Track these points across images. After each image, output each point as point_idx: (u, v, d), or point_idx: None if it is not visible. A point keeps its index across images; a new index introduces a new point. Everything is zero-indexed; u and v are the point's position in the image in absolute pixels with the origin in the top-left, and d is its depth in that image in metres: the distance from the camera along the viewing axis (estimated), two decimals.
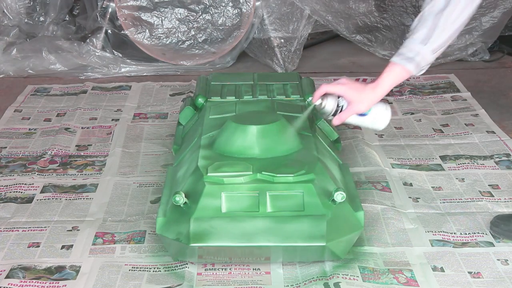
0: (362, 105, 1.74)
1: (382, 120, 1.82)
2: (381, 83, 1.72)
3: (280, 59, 3.33)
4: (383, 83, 1.72)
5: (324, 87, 1.75)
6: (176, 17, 3.45)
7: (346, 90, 1.74)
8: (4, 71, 3.29)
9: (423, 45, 1.68)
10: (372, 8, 3.48)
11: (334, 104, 1.77)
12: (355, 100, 1.73)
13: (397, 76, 1.72)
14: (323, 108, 1.77)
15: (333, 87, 1.75)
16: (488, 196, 2.15)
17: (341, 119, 1.76)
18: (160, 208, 1.83)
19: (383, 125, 1.83)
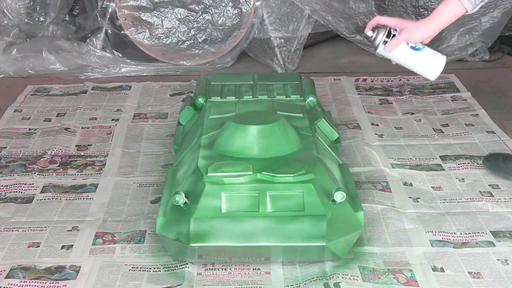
0: (415, 32, 1.68)
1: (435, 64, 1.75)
2: (436, 15, 1.67)
3: (280, 59, 3.33)
4: (439, 15, 1.67)
5: (377, 18, 1.72)
6: (176, 17, 3.45)
7: (398, 20, 1.70)
8: (4, 71, 3.29)
9: None
10: (372, 8, 3.48)
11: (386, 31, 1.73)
12: (408, 27, 1.68)
13: (452, 10, 1.67)
14: (375, 38, 1.73)
15: (386, 18, 1.72)
16: (488, 196, 2.15)
17: (395, 44, 1.70)
18: (160, 208, 1.83)
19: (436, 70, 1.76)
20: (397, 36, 1.70)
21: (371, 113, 2.79)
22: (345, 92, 3.03)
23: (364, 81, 3.17)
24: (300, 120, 2.11)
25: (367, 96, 2.99)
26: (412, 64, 1.78)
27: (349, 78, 3.19)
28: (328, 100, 2.94)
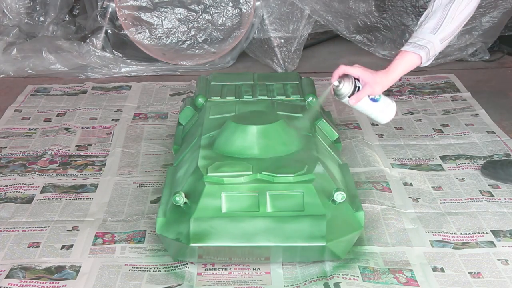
0: (377, 86, 1.82)
1: (389, 111, 1.91)
2: (393, 69, 1.82)
3: (280, 59, 3.33)
4: (396, 69, 1.82)
5: (342, 68, 1.83)
6: (176, 17, 3.45)
7: (362, 72, 1.82)
8: (4, 71, 3.29)
9: (432, 34, 1.80)
10: (372, 8, 3.48)
11: (352, 84, 1.82)
12: (370, 81, 1.81)
13: (408, 64, 1.82)
14: (340, 89, 1.83)
15: (350, 68, 1.83)
16: (488, 196, 2.15)
17: (358, 98, 1.83)
18: (160, 208, 1.83)
19: (389, 116, 1.92)
20: (361, 90, 1.83)
21: None
22: None
23: None
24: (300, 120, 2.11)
25: None
26: (370, 113, 1.91)
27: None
28: (328, 100, 2.94)
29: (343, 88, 1.83)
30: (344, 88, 1.83)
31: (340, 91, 1.84)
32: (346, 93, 1.83)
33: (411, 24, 3.45)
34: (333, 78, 1.84)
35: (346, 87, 1.83)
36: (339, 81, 1.83)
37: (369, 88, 1.82)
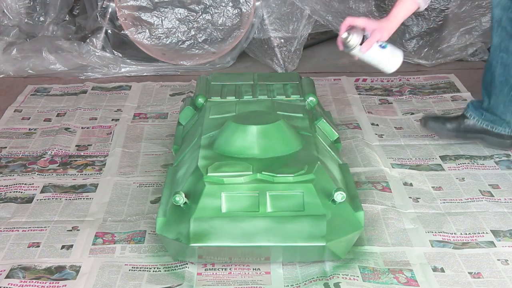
0: (384, 31, 1.93)
1: (397, 57, 1.98)
2: (395, 15, 1.95)
3: (280, 59, 3.33)
4: (397, 15, 1.95)
5: (349, 19, 1.92)
6: (176, 17, 3.45)
7: (367, 21, 1.93)
8: (4, 71, 3.29)
9: None
10: (372, 8, 3.48)
11: (360, 34, 1.90)
12: (377, 28, 1.92)
13: (407, 9, 1.97)
14: (349, 40, 1.90)
15: (356, 19, 1.93)
16: (488, 196, 2.15)
17: (369, 45, 1.92)
18: (160, 208, 1.83)
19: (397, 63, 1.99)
20: (371, 37, 1.91)
21: (371, 113, 2.79)
22: (345, 92, 3.03)
23: (364, 81, 3.17)
24: (300, 120, 2.11)
25: (367, 96, 2.99)
26: (379, 61, 1.98)
27: (349, 78, 3.19)
28: (328, 100, 2.94)
29: (353, 39, 1.89)
30: (353, 38, 1.89)
31: (350, 42, 1.90)
32: (357, 42, 1.89)
33: (411, 24, 3.45)
34: (341, 31, 1.91)
35: (355, 37, 1.89)
36: (348, 33, 1.89)
37: (378, 33, 1.91)
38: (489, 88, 2.34)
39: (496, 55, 2.26)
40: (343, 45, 1.92)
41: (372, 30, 1.91)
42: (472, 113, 2.40)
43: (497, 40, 2.24)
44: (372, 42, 1.92)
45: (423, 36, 3.44)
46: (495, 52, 2.26)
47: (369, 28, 1.92)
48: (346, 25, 1.92)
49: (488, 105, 2.37)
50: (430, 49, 3.41)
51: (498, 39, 2.23)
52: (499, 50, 2.24)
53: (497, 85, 2.29)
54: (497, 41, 2.24)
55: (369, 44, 1.92)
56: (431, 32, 3.43)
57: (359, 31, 1.89)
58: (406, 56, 3.41)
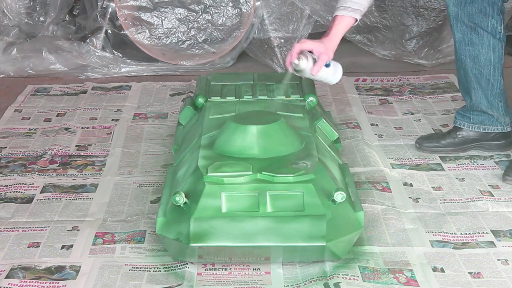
0: (330, 52, 2.02)
1: (339, 72, 2.09)
2: (335, 34, 2.05)
3: (280, 59, 3.33)
4: (337, 33, 2.05)
5: (297, 46, 2.00)
6: (176, 17, 3.45)
7: (314, 44, 2.01)
8: (4, 71, 3.29)
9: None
10: (372, 8, 3.48)
11: (311, 58, 2.00)
12: (323, 50, 2.01)
13: (346, 27, 2.07)
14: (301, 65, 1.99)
15: (304, 44, 2.01)
16: (488, 196, 2.15)
17: (320, 67, 2.01)
18: (160, 208, 1.83)
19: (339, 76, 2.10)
20: (320, 60, 2.00)
21: (371, 113, 2.79)
22: (345, 92, 3.03)
23: (364, 81, 3.17)
24: (300, 120, 2.11)
25: (367, 96, 2.99)
26: (325, 77, 2.08)
27: (349, 78, 3.19)
28: (328, 100, 2.94)
29: (303, 63, 1.98)
30: (304, 63, 1.98)
31: (301, 67, 1.99)
32: (309, 66, 1.99)
33: (411, 24, 3.45)
34: (292, 57, 1.98)
35: (305, 61, 1.98)
36: (299, 59, 1.98)
37: (325, 56, 2.01)
38: (466, 85, 2.35)
39: (463, 49, 2.28)
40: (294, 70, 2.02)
41: (319, 53, 2.00)
42: (461, 121, 2.41)
43: (459, 36, 2.27)
44: (321, 65, 2.01)
45: (423, 36, 3.44)
46: (461, 47, 2.29)
47: (316, 51, 2.01)
48: (296, 51, 1.99)
49: (471, 102, 2.36)
50: (430, 49, 3.41)
51: (460, 34, 2.27)
52: (464, 44, 2.28)
53: (472, 79, 2.31)
54: (460, 36, 2.27)
55: (319, 67, 2.01)
56: (431, 32, 3.43)
57: (306, 54, 1.99)
58: (406, 56, 3.43)
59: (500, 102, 2.34)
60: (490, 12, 2.22)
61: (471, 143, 2.42)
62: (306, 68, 2.00)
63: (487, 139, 2.41)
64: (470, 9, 2.22)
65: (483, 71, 2.27)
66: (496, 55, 2.26)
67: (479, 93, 2.32)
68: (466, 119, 2.40)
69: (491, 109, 2.35)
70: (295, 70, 2.02)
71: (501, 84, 2.32)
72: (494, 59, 2.26)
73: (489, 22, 2.22)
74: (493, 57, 2.26)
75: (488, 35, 2.22)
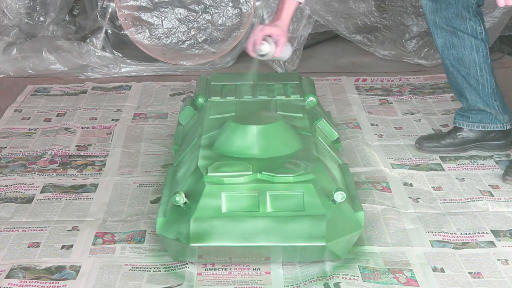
0: (285, 34, 2.17)
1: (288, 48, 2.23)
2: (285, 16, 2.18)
3: None
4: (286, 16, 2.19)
5: (259, 33, 2.13)
6: (176, 17, 3.45)
7: (272, 29, 2.15)
8: (4, 71, 3.29)
9: None
10: (372, 8, 3.48)
11: (272, 43, 2.15)
12: (280, 33, 2.15)
13: (293, 9, 2.20)
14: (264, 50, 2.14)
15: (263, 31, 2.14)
16: (488, 196, 2.15)
17: (281, 48, 2.15)
18: (160, 208, 1.83)
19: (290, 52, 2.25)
20: (280, 43, 2.15)
21: (371, 113, 2.79)
22: (345, 92, 3.03)
23: (364, 81, 3.17)
24: (300, 120, 2.11)
25: (367, 96, 2.99)
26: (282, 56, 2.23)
27: (349, 78, 3.19)
28: (328, 100, 2.94)
29: (267, 48, 2.14)
30: (267, 47, 2.15)
31: (265, 51, 2.15)
32: (272, 50, 2.15)
33: (411, 24, 3.45)
34: (258, 44, 2.13)
35: (269, 46, 2.15)
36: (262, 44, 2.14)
37: (283, 38, 2.16)
38: (458, 87, 2.37)
39: (446, 53, 2.32)
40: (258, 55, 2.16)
41: (278, 36, 2.14)
42: (460, 120, 2.42)
43: (441, 41, 2.30)
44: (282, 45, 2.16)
45: (423, 36, 3.43)
46: (444, 52, 2.32)
47: (275, 34, 2.15)
48: (260, 38, 2.13)
49: (467, 103, 2.38)
50: (430, 49, 3.40)
51: (441, 40, 2.30)
52: (447, 49, 2.31)
53: (462, 81, 2.33)
54: (442, 42, 2.30)
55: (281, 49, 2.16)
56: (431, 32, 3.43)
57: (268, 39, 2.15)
58: (406, 56, 3.43)
59: (495, 101, 2.36)
60: (467, 15, 2.24)
61: (471, 143, 2.42)
62: (269, 52, 2.16)
63: (487, 139, 2.41)
64: (446, 14, 2.25)
65: (469, 72, 2.30)
66: (481, 55, 2.28)
67: (473, 93, 2.34)
68: (465, 119, 2.41)
69: (488, 107, 2.36)
70: (259, 55, 2.16)
71: (492, 84, 2.34)
72: (479, 59, 2.28)
73: (467, 24, 2.24)
74: (477, 58, 2.28)
75: (469, 37, 2.25)
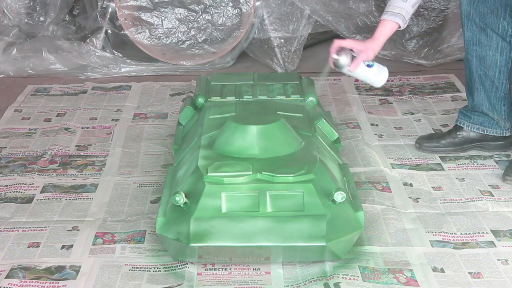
0: (370, 52, 2.10)
1: (383, 74, 2.18)
2: (378, 36, 2.12)
3: (280, 59, 3.33)
4: (380, 36, 2.12)
5: (337, 42, 2.09)
6: (176, 17, 3.45)
7: (354, 43, 2.12)
8: (4, 71, 3.29)
9: (404, 2, 2.09)
10: (372, 8, 3.48)
11: (349, 54, 2.10)
12: (362, 49, 2.10)
13: (389, 30, 2.13)
14: (340, 61, 2.10)
15: (344, 41, 2.10)
16: (488, 196, 2.15)
17: (356, 64, 2.10)
18: (160, 208, 1.83)
19: (383, 80, 2.19)
20: (357, 58, 2.10)
21: (371, 113, 2.79)
22: (345, 92, 3.03)
23: None
24: (300, 120, 2.11)
25: (367, 96, 2.99)
26: (368, 77, 2.17)
27: (349, 78, 3.19)
28: (328, 100, 2.94)
29: (342, 59, 2.09)
30: (343, 59, 2.09)
31: (340, 62, 2.10)
32: (346, 63, 2.09)
33: (411, 24, 3.45)
34: (332, 52, 2.09)
35: (344, 58, 2.09)
36: (338, 54, 2.09)
37: (363, 54, 2.09)
38: (469, 84, 2.38)
39: (470, 49, 2.31)
40: (334, 65, 2.12)
41: (359, 51, 2.10)
42: (462, 120, 2.43)
43: (469, 35, 2.29)
44: (358, 62, 2.10)
45: (423, 36, 3.43)
46: (469, 47, 2.31)
47: (355, 49, 2.10)
48: (335, 47, 2.09)
49: (472, 103, 2.38)
50: (430, 49, 3.40)
51: (469, 34, 2.29)
52: (472, 44, 2.30)
53: (476, 80, 2.33)
54: (469, 36, 2.29)
55: (356, 64, 2.10)
56: (431, 32, 3.43)
57: (347, 51, 2.10)
58: (406, 56, 3.42)
59: (503, 106, 2.34)
60: (502, 13, 2.21)
61: (471, 143, 2.43)
62: (344, 64, 2.10)
63: (487, 140, 2.42)
64: (482, 8, 2.23)
65: (488, 72, 2.29)
66: (504, 58, 2.27)
67: (482, 94, 2.34)
68: (467, 119, 2.41)
69: (493, 112, 2.36)
70: (335, 65, 2.12)
71: (506, 87, 2.32)
72: (501, 62, 2.27)
73: (500, 23, 2.22)
74: (500, 60, 2.27)
75: (497, 37, 2.23)
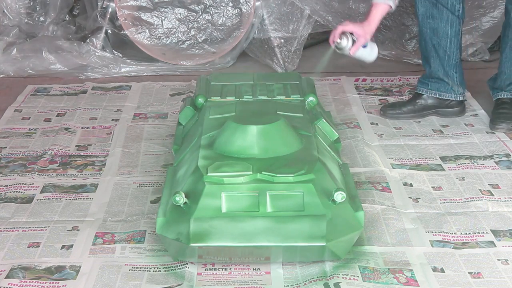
0: (367, 35, 2.34)
1: (374, 52, 2.42)
2: (373, 19, 2.36)
3: (280, 59, 3.33)
4: (374, 19, 2.36)
5: (340, 28, 2.32)
6: (176, 17, 3.45)
7: (354, 27, 2.33)
8: (4, 71, 3.29)
9: None
10: None
11: (350, 38, 2.32)
12: (362, 33, 2.32)
13: (382, 12, 2.37)
14: (342, 44, 2.32)
15: (346, 26, 2.32)
16: (488, 195, 2.15)
17: (357, 47, 2.34)
18: (160, 208, 1.83)
19: (376, 55, 2.43)
20: (358, 42, 2.33)
21: (371, 113, 2.79)
22: (345, 92, 3.03)
23: (364, 81, 3.17)
24: (300, 120, 2.11)
25: (367, 96, 2.99)
26: (364, 57, 2.41)
27: (349, 78, 3.19)
28: (328, 100, 2.94)
29: (344, 42, 2.32)
30: (345, 42, 2.32)
31: (342, 45, 2.32)
32: (348, 46, 2.32)
33: (411, 24, 3.45)
34: (335, 37, 2.32)
35: (345, 41, 2.31)
36: (340, 38, 2.31)
37: (362, 38, 2.33)
38: (425, 54, 2.67)
39: (425, 22, 2.61)
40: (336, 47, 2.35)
41: (358, 35, 2.31)
42: (421, 87, 2.72)
43: (422, 10, 2.59)
44: (359, 46, 2.34)
45: None
46: (423, 20, 2.61)
47: (356, 33, 2.32)
48: (338, 31, 2.31)
49: (430, 69, 2.68)
50: None
51: (423, 9, 2.59)
52: (426, 17, 2.60)
53: (431, 49, 2.63)
54: (423, 11, 2.59)
55: (357, 48, 2.34)
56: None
57: (348, 35, 2.31)
58: (406, 56, 3.43)
59: (455, 73, 2.66)
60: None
61: (429, 109, 2.72)
62: (345, 47, 2.32)
63: (443, 106, 2.71)
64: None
65: (440, 42, 2.60)
66: (453, 30, 2.59)
67: (437, 61, 2.65)
68: (425, 86, 2.71)
69: (447, 77, 2.66)
70: (336, 48, 2.34)
71: (457, 57, 2.65)
72: (451, 33, 2.59)
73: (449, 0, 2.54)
74: (450, 31, 2.59)
75: (447, 11, 2.55)
